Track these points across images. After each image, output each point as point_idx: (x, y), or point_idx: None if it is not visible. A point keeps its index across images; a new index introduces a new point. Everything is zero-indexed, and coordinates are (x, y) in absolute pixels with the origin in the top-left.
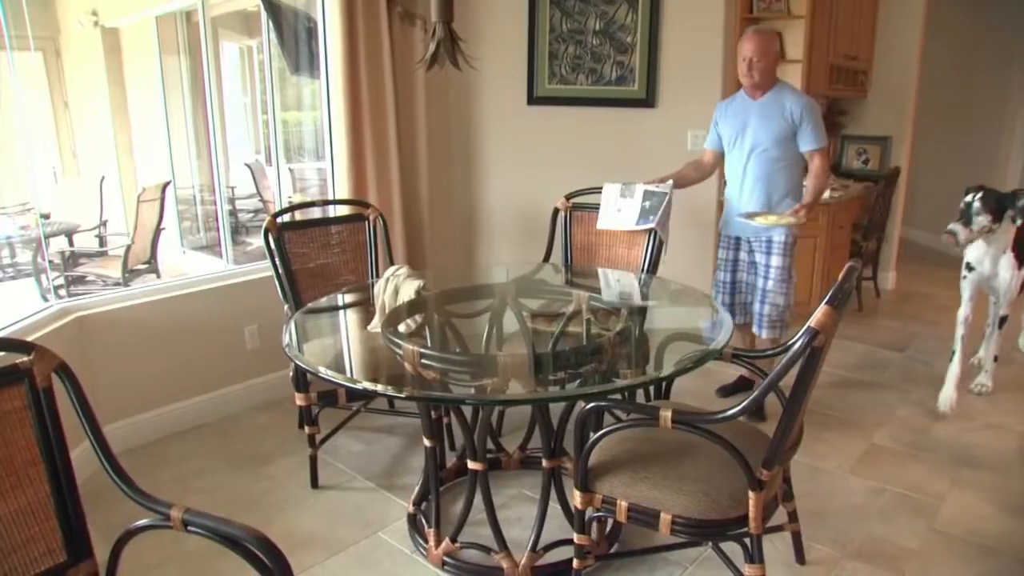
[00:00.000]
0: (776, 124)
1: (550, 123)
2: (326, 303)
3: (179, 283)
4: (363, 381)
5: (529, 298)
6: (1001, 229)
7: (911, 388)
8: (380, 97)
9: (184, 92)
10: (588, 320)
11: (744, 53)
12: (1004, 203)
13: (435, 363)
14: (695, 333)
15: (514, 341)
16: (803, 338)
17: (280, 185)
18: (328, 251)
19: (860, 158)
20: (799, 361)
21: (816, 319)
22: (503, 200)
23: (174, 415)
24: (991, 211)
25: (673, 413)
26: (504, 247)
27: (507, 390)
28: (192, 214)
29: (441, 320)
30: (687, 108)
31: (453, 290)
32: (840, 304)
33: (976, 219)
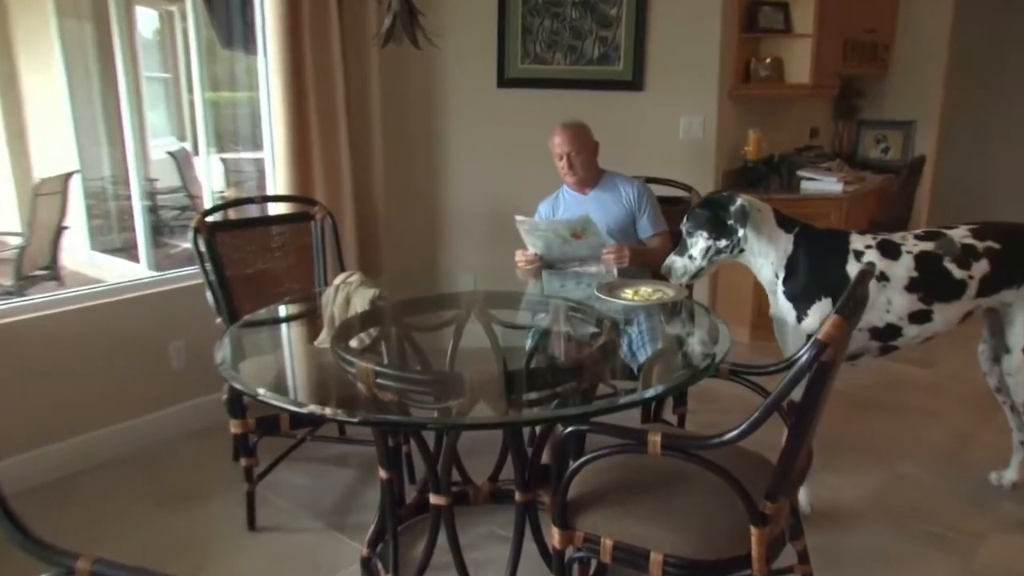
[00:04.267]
0: (618, 212)
1: (523, 109)
2: (266, 315)
3: (88, 292)
4: (309, 404)
5: (500, 308)
6: (754, 248)
7: (940, 410)
8: (327, 77)
9: (90, 65)
10: (567, 333)
11: (558, 150)
12: (720, 213)
13: (392, 383)
14: (689, 347)
15: (483, 357)
16: (809, 352)
17: (210, 178)
18: (268, 255)
19: (879, 146)
20: (805, 378)
21: (824, 330)
22: (470, 197)
23: (84, 447)
24: (709, 228)
25: (663, 437)
26: (472, 250)
27: (474, 413)
28: (104, 210)
29: (399, 334)
30: (680, 91)
31: (413, 300)
32: (852, 313)
33: (693, 243)
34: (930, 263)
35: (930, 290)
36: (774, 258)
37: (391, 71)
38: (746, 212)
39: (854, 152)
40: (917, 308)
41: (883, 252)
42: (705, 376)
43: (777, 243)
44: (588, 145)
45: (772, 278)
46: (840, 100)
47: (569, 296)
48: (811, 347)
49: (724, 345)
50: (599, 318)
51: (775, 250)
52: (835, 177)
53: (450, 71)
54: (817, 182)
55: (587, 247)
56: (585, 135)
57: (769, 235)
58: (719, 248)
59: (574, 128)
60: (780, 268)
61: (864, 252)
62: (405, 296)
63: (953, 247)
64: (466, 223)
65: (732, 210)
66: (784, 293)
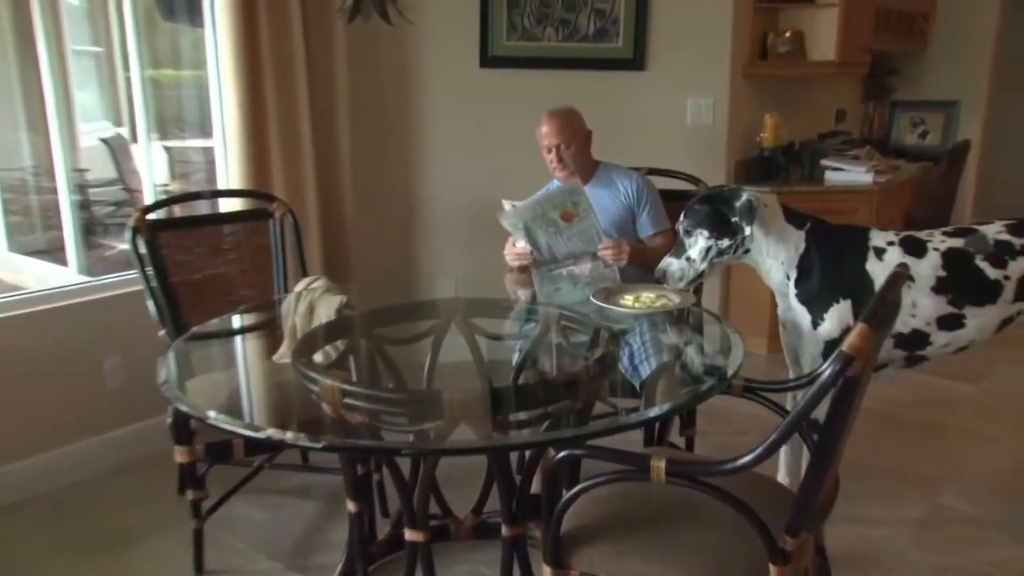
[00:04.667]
0: (615, 209)
1: (510, 91)
2: (217, 326)
3: (5, 300)
4: (267, 428)
5: (484, 317)
6: (761, 247)
7: (990, 432)
8: (287, 55)
9: (4, 36)
10: (559, 345)
11: (545, 141)
12: (722, 210)
13: (362, 402)
14: (697, 359)
15: (464, 373)
16: (833, 365)
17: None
18: (219, 258)
19: (916, 130)
20: (829, 394)
21: (850, 342)
22: (451, 192)
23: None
24: (710, 225)
25: (668, 463)
26: (452, 252)
27: (455, 436)
28: (23, 206)
29: (370, 347)
30: (686, 70)
31: (385, 308)
32: (882, 322)
33: (692, 243)
34: (960, 262)
35: (960, 292)
36: (784, 258)
37: (360, 49)
38: (753, 208)
39: (887, 138)
40: (946, 312)
41: (907, 249)
42: (716, 393)
43: (787, 241)
44: (580, 135)
45: (782, 280)
46: (871, 79)
47: (563, 303)
48: (835, 360)
49: (737, 358)
50: (596, 328)
51: (785, 249)
52: (864, 166)
53: (426, 49)
54: (844, 172)
55: (581, 236)
56: (576, 123)
57: (778, 232)
58: (721, 248)
59: (563, 116)
60: (791, 268)
61: (886, 249)
62: (376, 304)
63: (985, 244)
64: (446, 221)
65: (737, 206)
66: (797, 296)
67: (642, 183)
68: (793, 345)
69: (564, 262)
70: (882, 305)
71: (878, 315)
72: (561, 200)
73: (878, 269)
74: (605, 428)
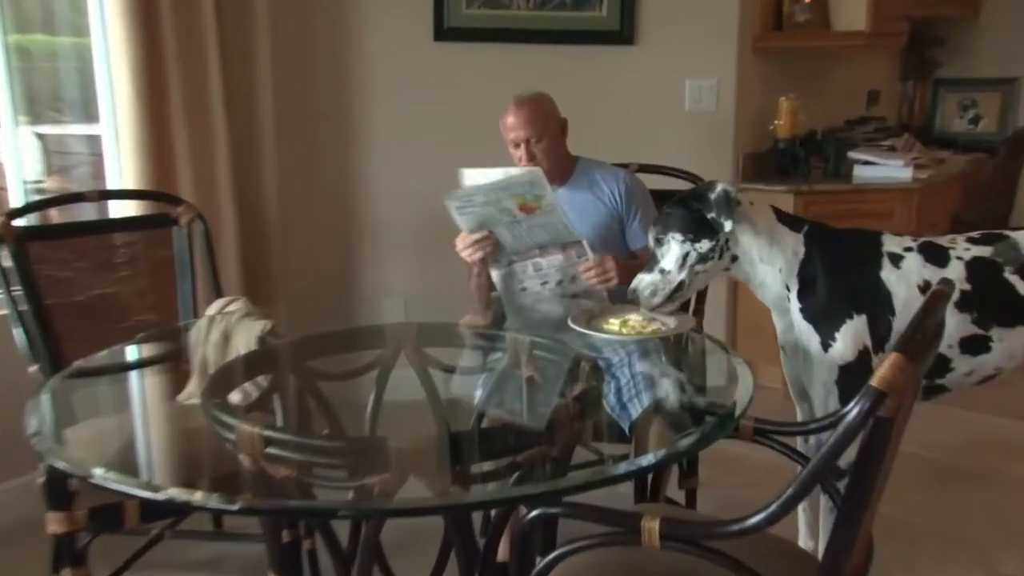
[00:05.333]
0: (598, 215)
1: (471, 71)
2: (107, 360)
3: None
4: (168, 488)
5: (439, 346)
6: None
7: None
8: (194, 23)
9: None
10: (531, 379)
11: (511, 135)
12: (696, 206)
13: (289, 453)
14: (698, 395)
15: (415, 415)
16: (861, 403)
17: (20, 162)
18: (109, 275)
19: (965, 114)
20: (857, 439)
21: (881, 374)
22: (399, 194)
23: None
24: (684, 227)
25: (663, 523)
26: (400, 267)
27: (404, 493)
28: None
29: (299, 384)
30: (685, 44)
31: (319, 336)
32: (921, 350)
33: (663, 252)
34: (986, 274)
35: (986, 309)
36: (782, 264)
37: (285, 17)
38: (730, 198)
39: (930, 124)
40: (970, 333)
41: (927, 257)
42: (721, 436)
43: (783, 244)
44: (553, 125)
45: (781, 292)
46: (910, 53)
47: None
48: (863, 398)
49: (746, 394)
50: (575, 358)
51: (782, 253)
52: (902, 159)
53: (368, 19)
54: (877, 167)
55: (545, 228)
56: (548, 112)
57: (770, 233)
58: (701, 253)
59: (533, 104)
60: (792, 278)
61: (903, 255)
62: (308, 331)
63: (1016, 254)
64: (393, 229)
65: (712, 198)
66: (801, 311)
67: (631, 183)
68: (798, 374)
69: (528, 253)
70: (920, 330)
71: (916, 342)
72: (520, 190)
73: (895, 279)
74: (587, 480)
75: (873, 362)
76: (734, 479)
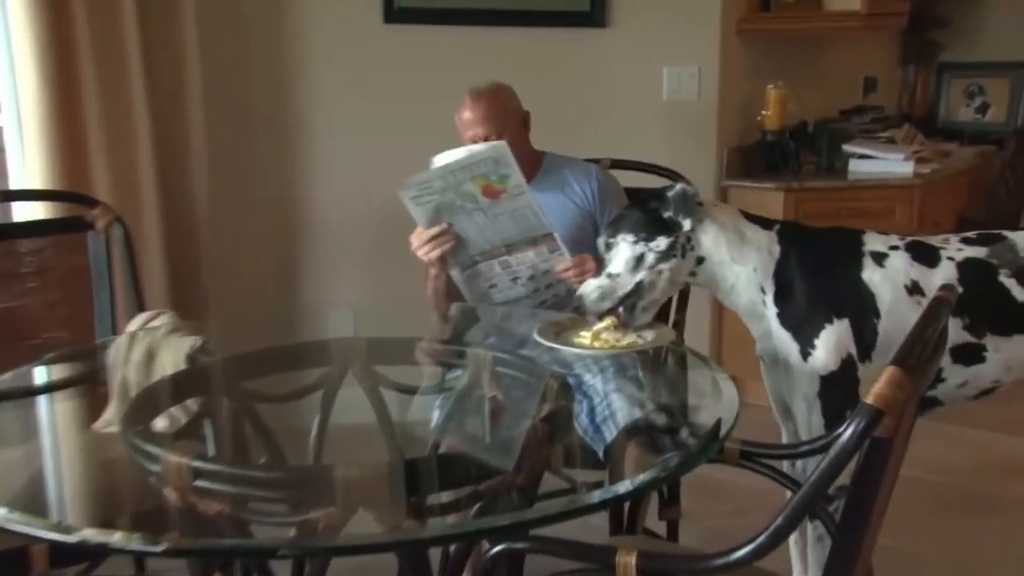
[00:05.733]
0: (570, 216)
1: (425, 57)
2: (10, 383)
3: None
4: (83, 528)
5: (392, 363)
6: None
7: None
8: (110, 2)
9: None
10: (494, 399)
11: (470, 132)
12: (652, 206)
13: (222, 485)
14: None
15: (365, 440)
16: (856, 423)
17: None
18: (14, 286)
19: (972, 102)
20: (853, 462)
21: (877, 391)
22: (345, 192)
23: None
24: (635, 228)
25: (639, 558)
26: (350, 273)
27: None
28: None
29: (235, 408)
30: (663, 27)
31: (256, 354)
32: (922, 364)
33: (613, 255)
34: (980, 276)
35: (980, 315)
36: (756, 263)
37: (216, 1)
38: (688, 195)
39: (933, 113)
40: (962, 340)
41: (915, 256)
42: (704, 460)
43: (756, 242)
44: (513, 120)
45: (755, 296)
46: (911, 35)
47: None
48: (859, 416)
49: (731, 414)
50: (544, 376)
51: (756, 252)
52: (902, 153)
53: (311, 3)
54: (875, 161)
55: (513, 216)
56: (507, 106)
57: (738, 230)
58: (658, 252)
59: (490, 97)
60: (767, 280)
61: (887, 254)
62: (244, 348)
63: (1014, 256)
64: (340, 232)
65: (670, 195)
66: (779, 317)
67: (604, 180)
68: (779, 388)
69: (494, 251)
70: (919, 342)
71: (915, 355)
72: (483, 168)
73: (878, 279)
74: (557, 511)
75: (859, 371)
76: (719, 508)
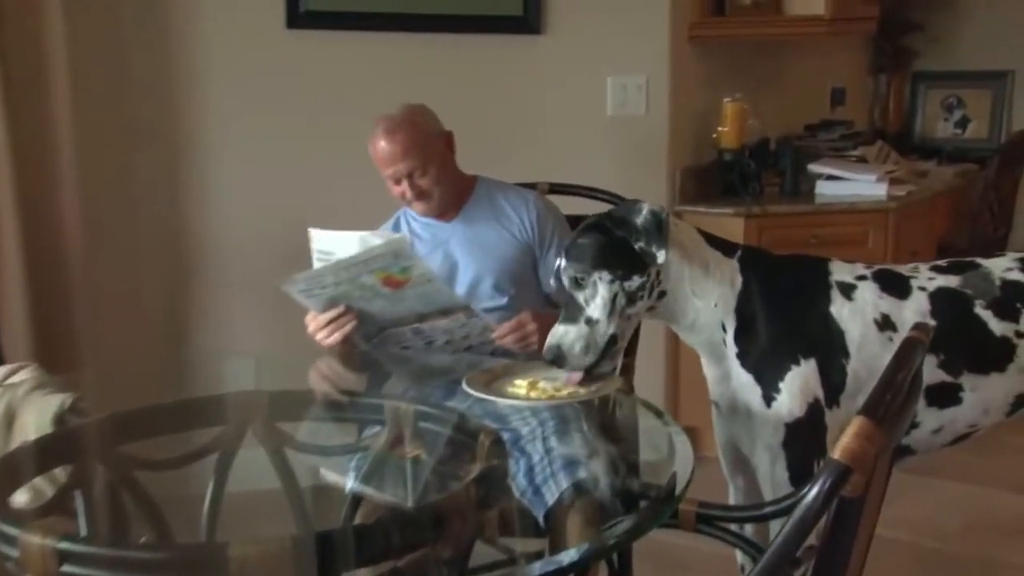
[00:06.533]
0: (506, 250)
1: (334, 66)
2: None
3: None
4: None
5: (299, 420)
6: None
7: None
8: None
9: None
10: (416, 459)
11: (390, 172)
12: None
13: (95, 571)
14: (628, 474)
15: (267, 511)
16: (822, 481)
17: None
18: None
19: (950, 116)
20: (822, 524)
21: (844, 444)
22: (243, 221)
23: None
24: (609, 262)
25: None
26: (249, 314)
27: None
28: None
29: (111, 477)
30: (606, 34)
31: (139, 412)
32: (894, 413)
33: (587, 296)
34: (954, 308)
35: (955, 351)
36: (717, 297)
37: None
38: (662, 221)
39: (908, 129)
40: (937, 380)
41: (884, 287)
42: (657, 524)
43: (719, 274)
44: (436, 147)
45: (716, 334)
46: (882, 42)
47: (424, 387)
48: (825, 474)
49: (686, 471)
50: (473, 431)
51: (718, 285)
52: (874, 173)
53: (204, 2)
54: (844, 183)
55: (420, 299)
56: (427, 133)
57: (703, 260)
58: (631, 292)
59: (406, 127)
60: (728, 315)
61: (855, 285)
62: (123, 405)
63: (988, 285)
64: (238, 267)
65: (639, 222)
66: (739, 356)
67: (544, 209)
68: (735, 438)
69: (403, 320)
70: (890, 389)
71: (886, 403)
72: (381, 263)
73: (847, 313)
74: None
75: (826, 417)
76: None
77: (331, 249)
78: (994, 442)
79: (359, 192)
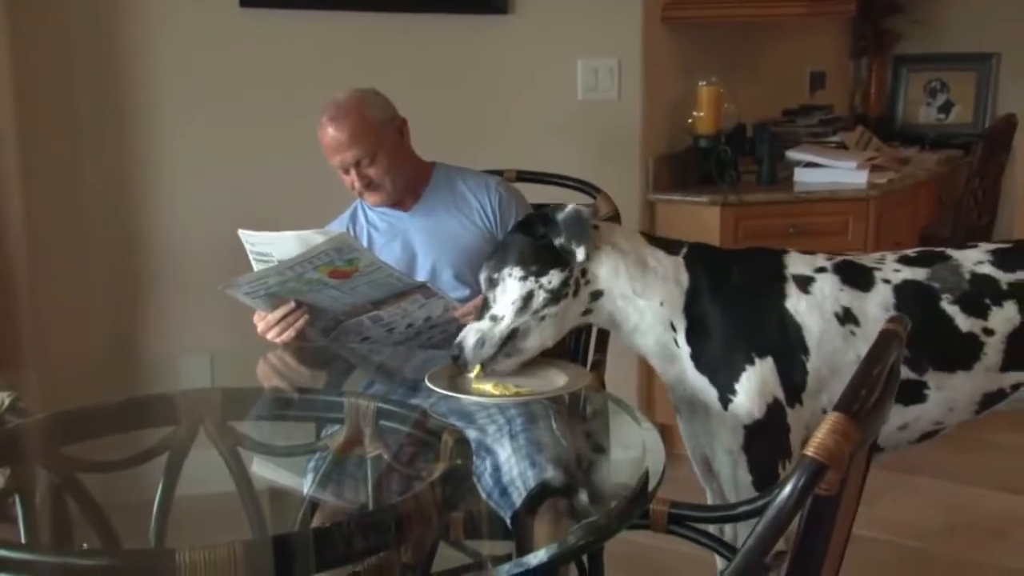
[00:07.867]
0: (467, 238)
1: (290, 48)
2: None
3: None
4: None
5: (253, 419)
6: (621, 284)
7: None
8: None
9: None
10: (378, 458)
11: (338, 160)
12: (541, 232)
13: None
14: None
15: (220, 515)
16: (796, 479)
17: None
18: None
19: (934, 100)
20: (794, 524)
21: (819, 441)
22: (194, 216)
23: None
24: (523, 259)
25: None
26: (203, 310)
27: None
28: None
29: (53, 480)
30: (575, 14)
31: (83, 411)
32: (870, 409)
33: (496, 294)
34: (919, 302)
35: (919, 347)
36: (663, 295)
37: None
38: (583, 219)
39: (890, 114)
40: (902, 377)
41: (844, 278)
42: (627, 525)
43: (661, 270)
44: (388, 134)
45: (665, 335)
46: (863, 24)
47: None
48: (799, 471)
49: (658, 469)
50: (436, 429)
51: (662, 283)
52: (855, 160)
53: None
54: (823, 170)
55: (372, 286)
56: (377, 120)
57: (641, 257)
58: (551, 289)
59: (354, 113)
60: (677, 314)
61: (813, 278)
62: (67, 404)
63: (957, 279)
64: (190, 261)
65: (560, 219)
66: (693, 358)
67: (506, 194)
68: (697, 437)
69: (358, 310)
70: (865, 383)
71: (861, 399)
72: (324, 259)
73: (804, 307)
74: None
75: (788, 417)
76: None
77: (267, 251)
78: (977, 440)
79: (317, 183)
